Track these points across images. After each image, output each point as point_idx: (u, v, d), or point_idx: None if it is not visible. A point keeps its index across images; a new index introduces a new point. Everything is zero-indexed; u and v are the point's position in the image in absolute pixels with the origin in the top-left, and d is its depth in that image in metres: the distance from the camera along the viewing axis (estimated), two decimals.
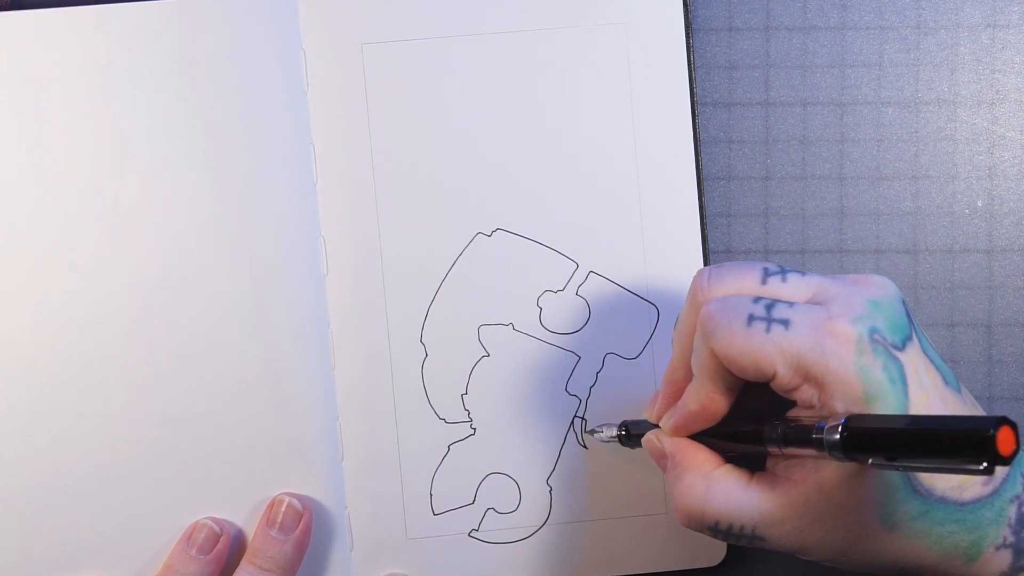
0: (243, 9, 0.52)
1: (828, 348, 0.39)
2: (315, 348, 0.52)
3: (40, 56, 0.52)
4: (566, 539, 0.54)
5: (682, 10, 0.53)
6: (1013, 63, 0.55)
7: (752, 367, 0.40)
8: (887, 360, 0.39)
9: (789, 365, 0.40)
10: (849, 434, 0.38)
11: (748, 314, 0.40)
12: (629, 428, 0.51)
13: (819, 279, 0.42)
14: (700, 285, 0.43)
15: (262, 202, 0.52)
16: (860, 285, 0.41)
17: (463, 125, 0.53)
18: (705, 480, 0.43)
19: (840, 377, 0.39)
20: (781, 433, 0.41)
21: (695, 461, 0.44)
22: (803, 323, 0.40)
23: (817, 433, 0.39)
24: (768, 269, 0.42)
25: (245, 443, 0.52)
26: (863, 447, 0.37)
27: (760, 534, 0.42)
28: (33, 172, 0.52)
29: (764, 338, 0.40)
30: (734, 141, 0.55)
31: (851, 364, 0.39)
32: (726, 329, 0.40)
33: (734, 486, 0.43)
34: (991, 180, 0.55)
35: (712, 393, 0.43)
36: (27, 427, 0.52)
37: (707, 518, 0.43)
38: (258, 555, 0.50)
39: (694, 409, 0.44)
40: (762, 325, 0.40)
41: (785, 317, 0.40)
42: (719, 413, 0.43)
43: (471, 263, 0.54)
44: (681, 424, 0.45)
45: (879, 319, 0.40)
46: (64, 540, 0.52)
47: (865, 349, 0.39)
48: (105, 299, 0.52)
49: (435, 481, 0.53)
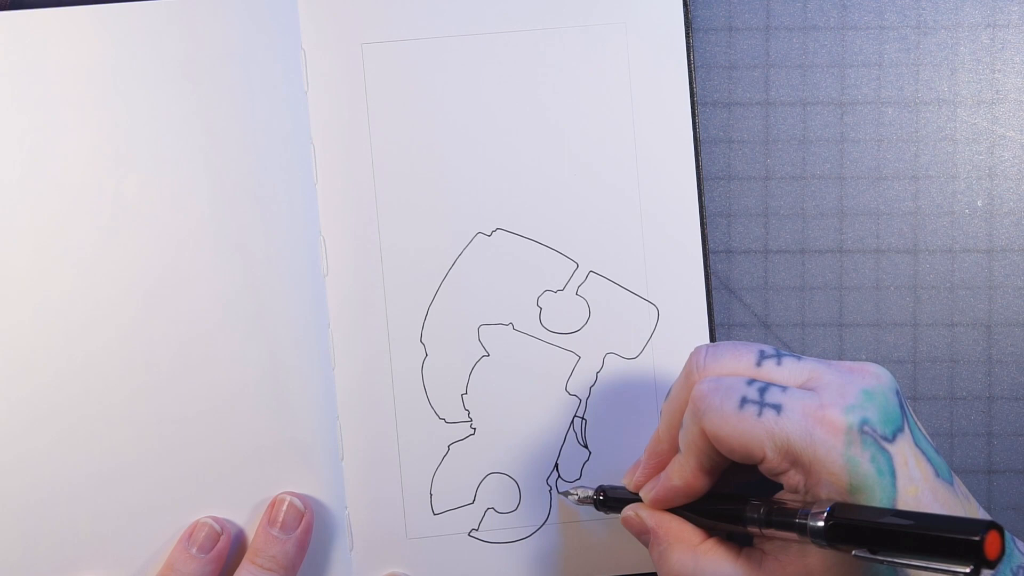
0: (243, 9, 0.52)
1: (817, 436, 0.39)
2: (315, 348, 0.52)
3: (40, 56, 0.52)
4: (566, 539, 0.54)
5: (682, 10, 0.53)
6: (1013, 63, 0.55)
7: (741, 449, 0.40)
8: (876, 452, 0.39)
9: (778, 450, 0.40)
10: (834, 523, 0.38)
11: (741, 396, 0.41)
12: (606, 492, 0.50)
13: (814, 364, 0.42)
14: (696, 362, 0.43)
15: (262, 202, 0.52)
16: (855, 374, 0.41)
17: (463, 125, 0.53)
18: (693, 555, 0.43)
19: (826, 466, 0.39)
20: (763, 514, 0.41)
21: (680, 535, 0.44)
22: (795, 409, 0.40)
23: (801, 518, 0.39)
24: (764, 352, 0.43)
25: (245, 443, 0.52)
26: (847, 537, 0.37)
27: None
28: (33, 172, 0.52)
29: (755, 422, 0.40)
30: (734, 141, 0.55)
31: (838, 454, 0.39)
32: (718, 410, 0.41)
33: (722, 560, 0.43)
34: (991, 180, 0.55)
35: (696, 471, 0.43)
36: (27, 427, 0.52)
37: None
38: (259, 554, 0.51)
39: (677, 484, 0.44)
40: (754, 408, 0.40)
41: (777, 402, 0.40)
42: (701, 490, 0.44)
43: (471, 263, 0.54)
44: (662, 497, 0.45)
45: (871, 410, 0.40)
46: (64, 540, 0.52)
47: (854, 440, 0.39)
48: (105, 299, 0.52)
49: (435, 481, 0.53)
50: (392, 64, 0.53)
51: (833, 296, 0.55)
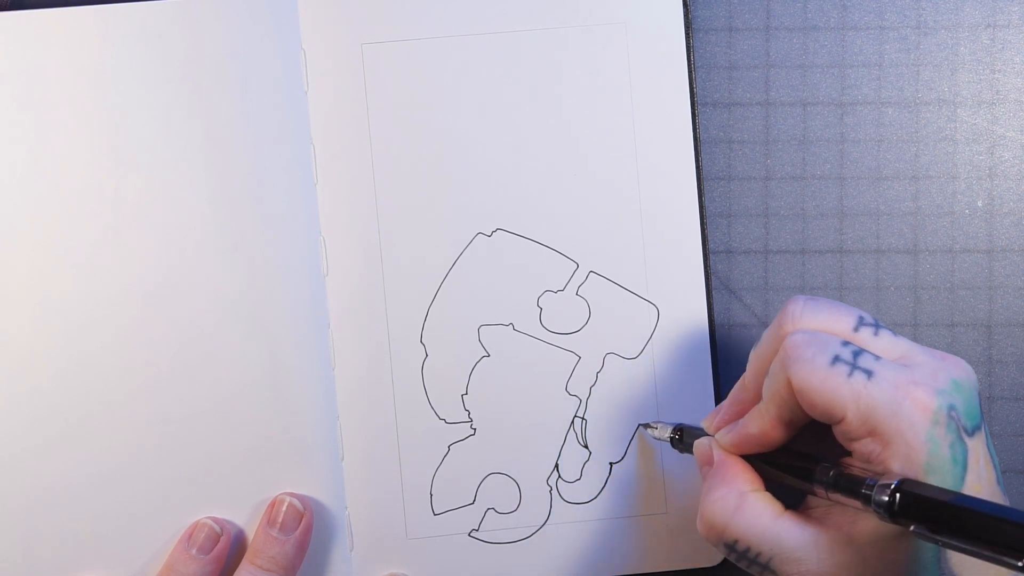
0: (243, 9, 0.52)
1: (905, 410, 0.39)
2: (315, 348, 0.52)
3: (40, 56, 0.52)
4: (566, 539, 0.54)
5: (682, 10, 0.53)
6: (1013, 63, 0.55)
7: (823, 406, 0.40)
8: (956, 439, 0.39)
9: (860, 415, 0.40)
10: (901, 496, 0.38)
11: (834, 354, 0.40)
12: (684, 432, 0.51)
13: (909, 344, 0.42)
14: (792, 313, 0.43)
15: (262, 202, 0.52)
16: (947, 362, 0.41)
17: (463, 125, 0.53)
18: (739, 497, 0.43)
19: (908, 441, 0.39)
20: (832, 477, 0.41)
21: (735, 477, 0.44)
22: (886, 379, 0.40)
23: (867, 488, 0.39)
24: (864, 318, 0.43)
25: (245, 443, 0.52)
26: (910, 513, 0.37)
27: (774, 567, 0.42)
28: (33, 172, 0.52)
29: (844, 381, 0.40)
30: (734, 141, 0.55)
31: (922, 432, 0.39)
32: (809, 362, 0.40)
33: (765, 512, 0.42)
34: (991, 180, 0.55)
35: (775, 421, 0.43)
36: (27, 427, 0.52)
37: (728, 534, 0.43)
38: (259, 555, 0.51)
39: (753, 432, 0.44)
40: (845, 368, 0.40)
41: (869, 368, 0.40)
42: (776, 443, 0.43)
43: (471, 263, 0.54)
44: (736, 442, 0.45)
45: (958, 399, 0.40)
46: (64, 540, 0.52)
47: (940, 422, 0.39)
48: (105, 299, 0.52)
49: (435, 481, 0.53)
50: (392, 64, 0.53)
51: (833, 296, 0.55)
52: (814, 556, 0.41)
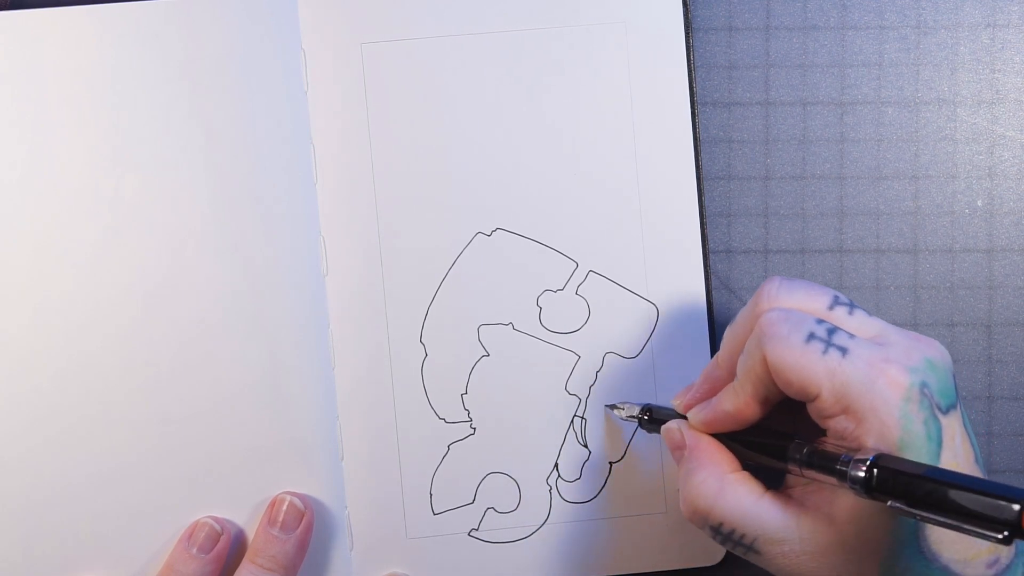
0: (243, 9, 0.52)
1: (878, 386, 0.39)
2: (315, 348, 0.52)
3: (40, 56, 0.52)
4: (566, 539, 0.54)
5: (682, 10, 0.53)
6: (1013, 63, 0.55)
7: (798, 383, 0.40)
8: (929, 416, 0.39)
9: (834, 392, 0.40)
10: (878, 471, 0.38)
11: (809, 331, 0.41)
12: (652, 412, 0.51)
13: (883, 324, 0.42)
14: (768, 292, 0.43)
15: (262, 202, 0.52)
16: (921, 342, 0.41)
17: (463, 125, 0.53)
18: (719, 480, 0.43)
19: (881, 417, 0.39)
20: (806, 454, 0.41)
21: (713, 459, 0.44)
22: (860, 356, 0.40)
23: (842, 465, 0.39)
24: (838, 298, 0.43)
25: (245, 443, 0.52)
26: (887, 488, 0.38)
27: (758, 547, 0.42)
28: (33, 172, 0.52)
29: (818, 358, 0.40)
30: (734, 141, 0.55)
31: (895, 408, 0.39)
32: (784, 339, 0.41)
33: (747, 494, 0.43)
34: (991, 180, 0.55)
35: (749, 399, 0.43)
36: (27, 427, 0.52)
37: (712, 517, 0.43)
38: (259, 554, 0.51)
39: (728, 410, 0.44)
40: (820, 346, 0.40)
41: (844, 345, 0.40)
42: (750, 420, 0.44)
43: (471, 263, 0.54)
44: (710, 420, 0.45)
45: (932, 378, 0.40)
46: (64, 540, 0.52)
47: (913, 398, 0.39)
48: (105, 299, 0.52)
49: (435, 481, 0.53)
50: (392, 64, 0.53)
51: None
52: (796, 536, 0.41)
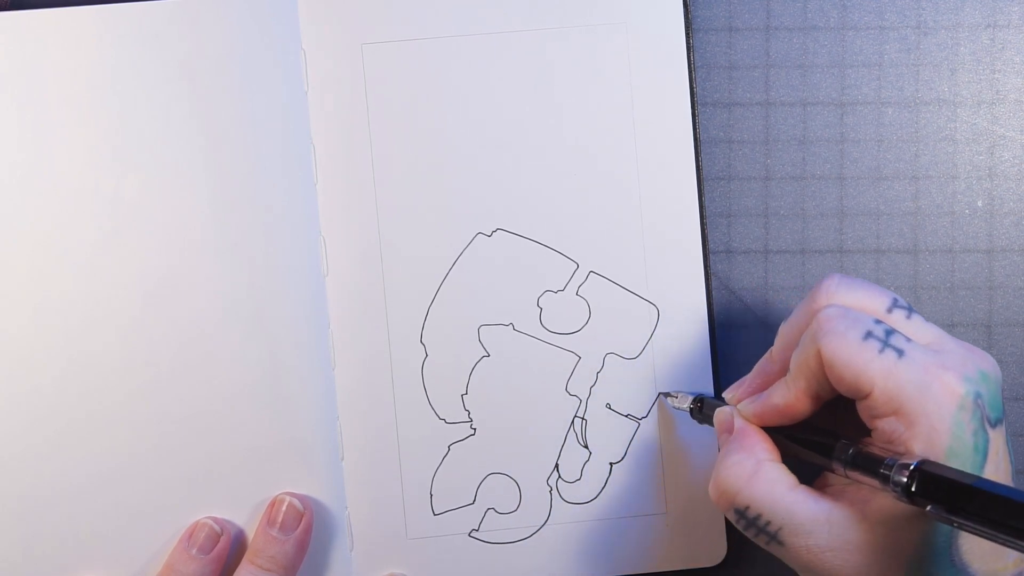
0: (243, 9, 0.52)
1: (933, 391, 0.39)
2: (315, 348, 0.52)
3: (40, 56, 0.52)
4: (566, 539, 0.54)
5: (682, 10, 0.53)
6: (1013, 63, 0.55)
7: (851, 380, 0.40)
8: (979, 427, 0.39)
9: (887, 392, 0.40)
10: (920, 476, 0.38)
11: (867, 330, 0.40)
12: (704, 403, 0.51)
13: (940, 332, 0.42)
14: (827, 288, 0.43)
15: (262, 202, 0.52)
16: (975, 354, 0.41)
17: (463, 125, 0.53)
18: (755, 464, 0.43)
19: (932, 423, 0.39)
20: (851, 455, 0.41)
21: (753, 445, 0.44)
22: (916, 359, 0.40)
23: (886, 469, 0.39)
24: (898, 301, 0.43)
25: (245, 443, 0.52)
26: (927, 493, 0.37)
27: (781, 538, 0.42)
28: (33, 172, 0.52)
29: (874, 356, 0.40)
30: (734, 141, 0.55)
31: (948, 416, 0.39)
32: (841, 335, 0.40)
33: (780, 481, 0.42)
34: (991, 180, 0.55)
35: (801, 394, 0.43)
36: (27, 427, 0.52)
37: (740, 500, 0.43)
38: (259, 555, 0.51)
39: (778, 403, 0.44)
40: (876, 344, 0.40)
41: (901, 347, 0.40)
42: (800, 415, 0.43)
43: (471, 263, 0.54)
44: (759, 413, 0.45)
45: (984, 390, 0.40)
46: (64, 540, 0.52)
47: (967, 407, 0.39)
48: (105, 299, 0.52)
49: (435, 481, 0.53)
50: (392, 64, 0.53)
51: None
52: (824, 531, 0.41)
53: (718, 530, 0.54)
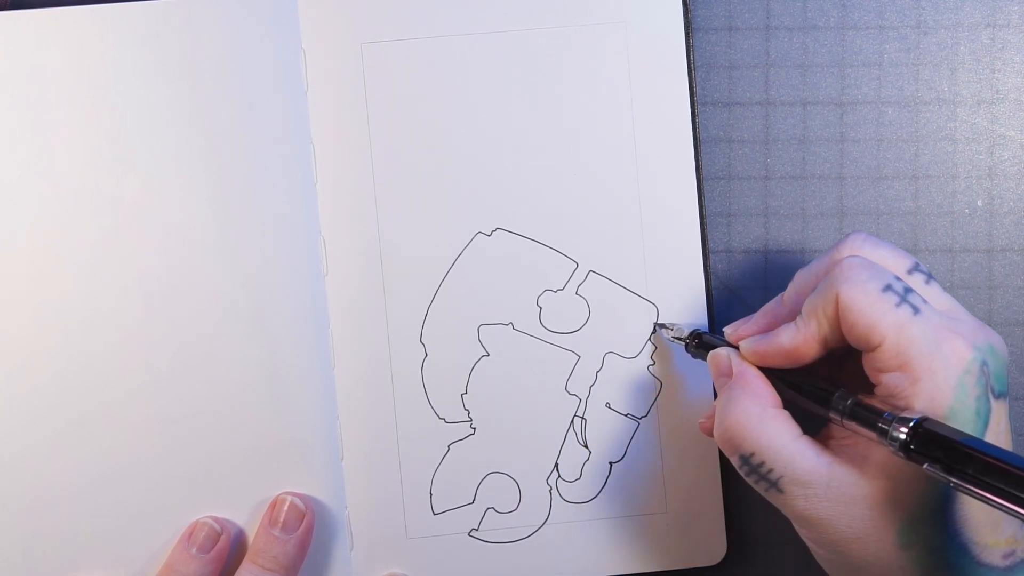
0: (243, 9, 0.52)
1: (942, 351, 0.40)
2: (315, 348, 0.52)
3: (40, 56, 0.52)
4: (566, 539, 0.54)
5: (682, 10, 0.53)
6: (1013, 63, 0.55)
7: (864, 328, 0.41)
8: (982, 394, 0.40)
9: (898, 345, 0.40)
10: (920, 433, 0.38)
11: (887, 283, 0.41)
12: (702, 337, 0.50)
13: (956, 303, 0.43)
14: (852, 241, 0.44)
15: (262, 202, 0.52)
16: (986, 329, 0.42)
17: (463, 125, 0.53)
18: (761, 411, 0.43)
19: (937, 382, 0.39)
20: (850, 405, 0.41)
21: (757, 390, 0.44)
22: (930, 319, 0.40)
23: (884, 422, 0.39)
24: (919, 266, 0.44)
25: (245, 443, 0.52)
26: (925, 450, 0.38)
27: (782, 486, 0.42)
28: (33, 172, 0.52)
29: (890, 308, 0.40)
30: (734, 141, 0.55)
31: (953, 377, 0.39)
32: (862, 283, 0.41)
33: (784, 431, 0.43)
34: (991, 180, 0.55)
35: (811, 337, 0.43)
36: (27, 427, 0.52)
37: (746, 446, 0.43)
38: (260, 555, 0.51)
39: (784, 343, 0.44)
40: (894, 298, 0.41)
41: (917, 305, 0.41)
42: (804, 359, 0.44)
43: (471, 263, 0.54)
44: (764, 351, 0.45)
45: (992, 361, 0.41)
46: (64, 540, 0.52)
47: (972, 372, 0.40)
48: (105, 299, 0.52)
49: (435, 481, 0.53)
50: (392, 64, 0.53)
51: None
52: (823, 483, 0.41)
53: (718, 529, 0.54)
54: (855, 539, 0.41)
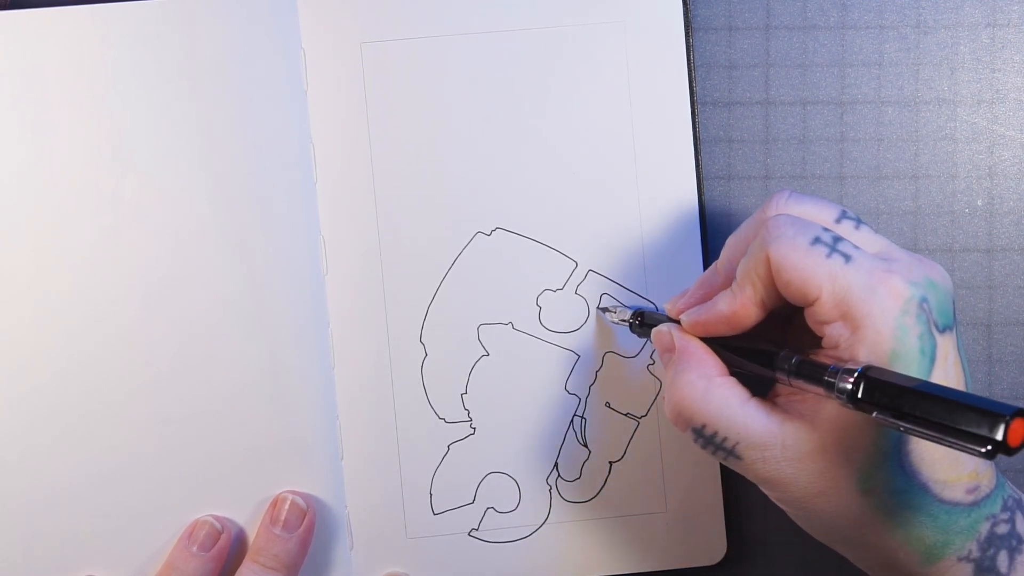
0: (243, 9, 0.52)
1: (878, 294, 0.39)
2: (315, 348, 0.52)
3: (40, 56, 0.52)
4: (566, 539, 0.54)
5: (682, 9, 0.53)
6: (1013, 62, 0.55)
7: (799, 284, 0.40)
8: (925, 331, 0.39)
9: (834, 296, 0.40)
10: (865, 382, 0.37)
11: (815, 236, 0.41)
12: (644, 316, 0.50)
13: (888, 242, 0.43)
14: (776, 201, 0.44)
15: (262, 202, 0.52)
16: (924, 263, 0.41)
17: (462, 124, 0.53)
18: (707, 382, 0.43)
19: (876, 326, 0.39)
20: (795, 363, 0.41)
21: (701, 362, 0.44)
22: (863, 264, 0.40)
23: (830, 376, 0.39)
24: (846, 212, 0.43)
25: (245, 443, 0.52)
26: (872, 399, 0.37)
27: (739, 452, 0.42)
28: (33, 172, 0.52)
29: (821, 261, 0.40)
30: (734, 141, 0.55)
31: (892, 318, 0.39)
32: (790, 240, 0.41)
33: (732, 397, 0.43)
34: (991, 180, 0.55)
35: (748, 301, 0.43)
36: (27, 427, 0.52)
37: (696, 419, 0.43)
38: (261, 553, 0.51)
39: (723, 311, 0.43)
40: (824, 249, 0.40)
41: (848, 253, 0.40)
42: (747, 322, 0.43)
43: (471, 262, 0.54)
44: (704, 321, 0.44)
45: (932, 295, 0.40)
46: (65, 539, 0.52)
47: (910, 311, 0.39)
48: (105, 299, 0.52)
49: (435, 480, 0.53)
50: (392, 64, 0.53)
51: None
52: (778, 442, 0.41)
53: (717, 529, 0.54)
54: (818, 494, 0.41)
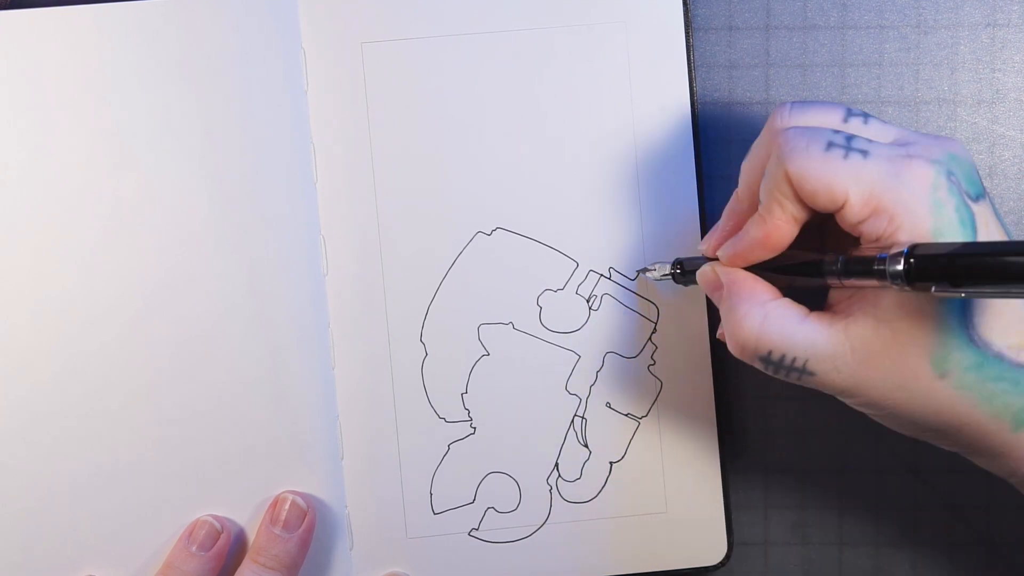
0: (243, 9, 0.52)
1: (904, 179, 0.39)
2: (315, 348, 0.52)
3: (39, 56, 0.52)
4: (566, 539, 0.54)
5: (682, 9, 0.53)
6: (1013, 62, 0.55)
7: (824, 191, 0.40)
8: (960, 202, 0.39)
9: (862, 193, 0.39)
10: (915, 260, 0.37)
11: (828, 140, 0.40)
12: (684, 264, 0.50)
13: (900, 128, 0.42)
14: (780, 114, 0.43)
15: (262, 201, 0.52)
16: (941, 139, 0.41)
17: (463, 124, 0.53)
18: (762, 309, 0.43)
19: (911, 208, 0.39)
20: (842, 264, 0.41)
21: (753, 291, 0.44)
22: (881, 155, 0.40)
23: (879, 264, 0.38)
24: (851, 110, 0.43)
25: (245, 443, 0.52)
26: (926, 275, 0.37)
27: (811, 368, 0.42)
28: (32, 172, 0.52)
29: (840, 163, 0.40)
30: (734, 141, 0.55)
31: (924, 197, 0.39)
32: (804, 151, 0.40)
33: (791, 317, 0.42)
34: (991, 180, 0.55)
35: (779, 220, 0.42)
36: (27, 427, 0.52)
37: (761, 347, 0.42)
38: (261, 553, 0.51)
39: (757, 236, 0.43)
40: (840, 152, 0.40)
41: (864, 148, 0.40)
42: (782, 242, 0.43)
43: (471, 262, 0.54)
44: (741, 252, 0.44)
45: (956, 168, 0.40)
46: (65, 539, 0.52)
47: (940, 186, 0.39)
48: (105, 299, 0.52)
49: (435, 480, 0.53)
50: (392, 64, 0.53)
51: None
52: (847, 348, 0.41)
53: (718, 529, 0.54)
54: (896, 387, 0.40)
